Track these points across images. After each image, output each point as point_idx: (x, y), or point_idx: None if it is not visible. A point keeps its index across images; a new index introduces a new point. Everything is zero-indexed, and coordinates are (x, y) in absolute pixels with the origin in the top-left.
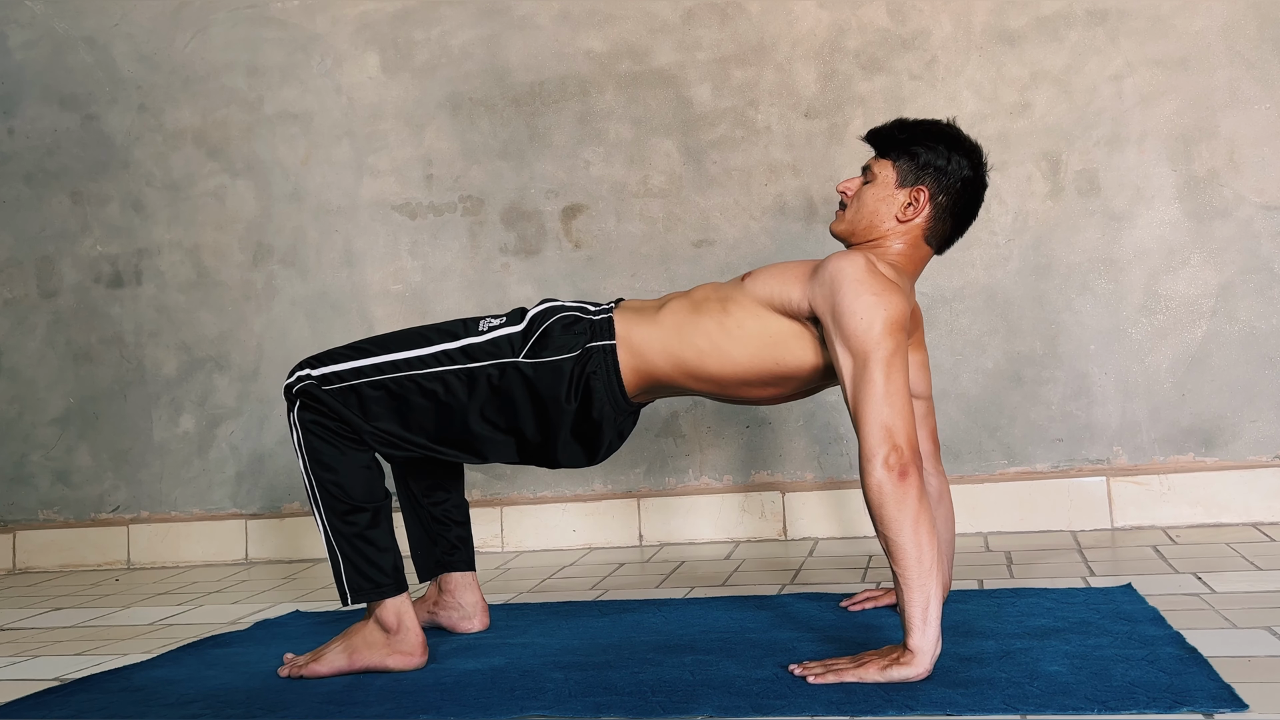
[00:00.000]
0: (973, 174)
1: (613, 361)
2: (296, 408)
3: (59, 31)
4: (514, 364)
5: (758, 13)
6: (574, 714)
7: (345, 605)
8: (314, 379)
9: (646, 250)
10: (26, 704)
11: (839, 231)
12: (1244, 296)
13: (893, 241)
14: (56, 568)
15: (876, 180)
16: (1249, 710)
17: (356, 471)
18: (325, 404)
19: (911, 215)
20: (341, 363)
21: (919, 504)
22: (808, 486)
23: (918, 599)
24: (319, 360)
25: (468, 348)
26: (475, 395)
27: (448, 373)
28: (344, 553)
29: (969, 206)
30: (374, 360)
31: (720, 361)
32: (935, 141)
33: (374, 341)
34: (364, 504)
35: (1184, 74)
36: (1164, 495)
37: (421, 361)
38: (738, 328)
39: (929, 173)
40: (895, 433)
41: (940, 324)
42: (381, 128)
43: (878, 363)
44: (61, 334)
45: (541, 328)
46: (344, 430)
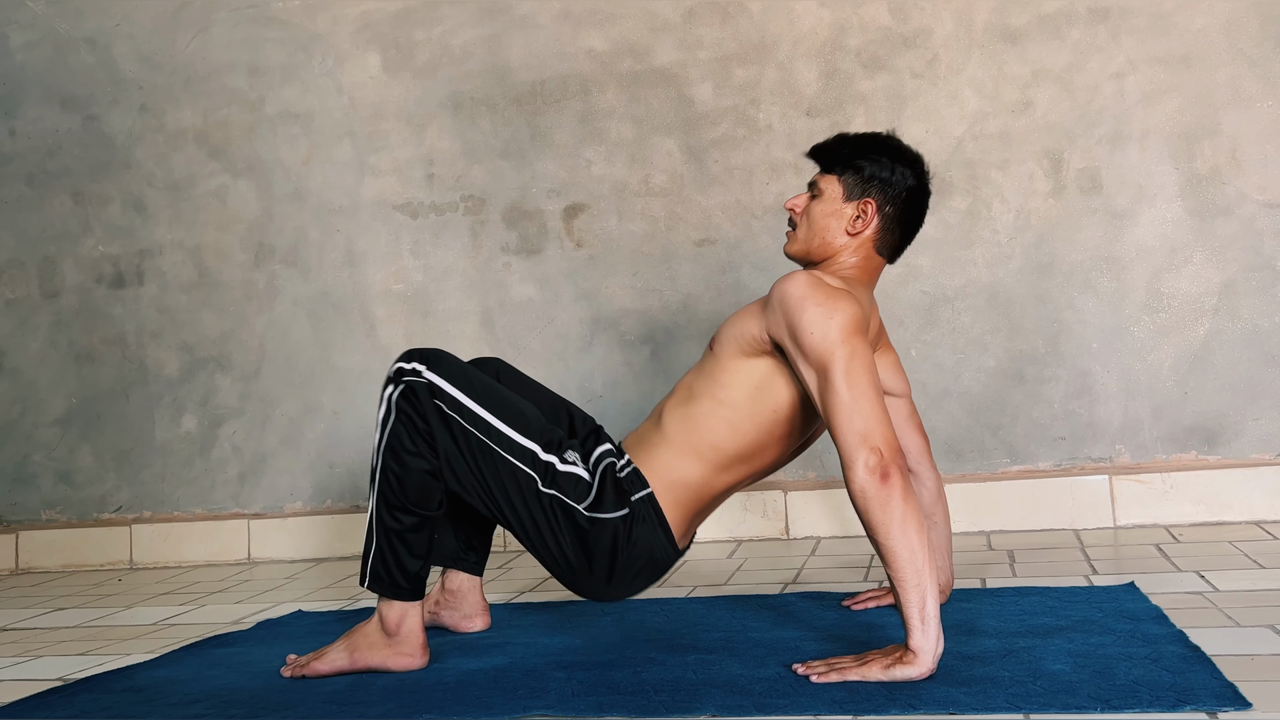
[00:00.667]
0: (916, 183)
1: (657, 513)
2: (399, 392)
3: (60, 32)
4: (572, 511)
5: (759, 11)
6: (577, 713)
7: (361, 585)
8: (425, 382)
9: (648, 249)
10: (30, 704)
11: (793, 253)
12: (1246, 294)
13: (845, 256)
14: (59, 568)
15: (824, 196)
16: (1252, 709)
17: (421, 476)
18: (426, 407)
19: (861, 228)
20: (453, 386)
21: (904, 504)
22: (810, 486)
23: (914, 599)
24: (436, 365)
25: (548, 466)
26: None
27: (522, 471)
28: (379, 543)
29: (915, 215)
30: (479, 411)
31: (733, 435)
32: (878, 154)
33: (487, 389)
34: (414, 508)
35: (1186, 72)
36: (1167, 493)
37: (510, 445)
38: (728, 393)
39: (875, 185)
40: (870, 436)
41: (942, 322)
42: (383, 127)
43: (838, 371)
44: (63, 334)
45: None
46: (429, 436)
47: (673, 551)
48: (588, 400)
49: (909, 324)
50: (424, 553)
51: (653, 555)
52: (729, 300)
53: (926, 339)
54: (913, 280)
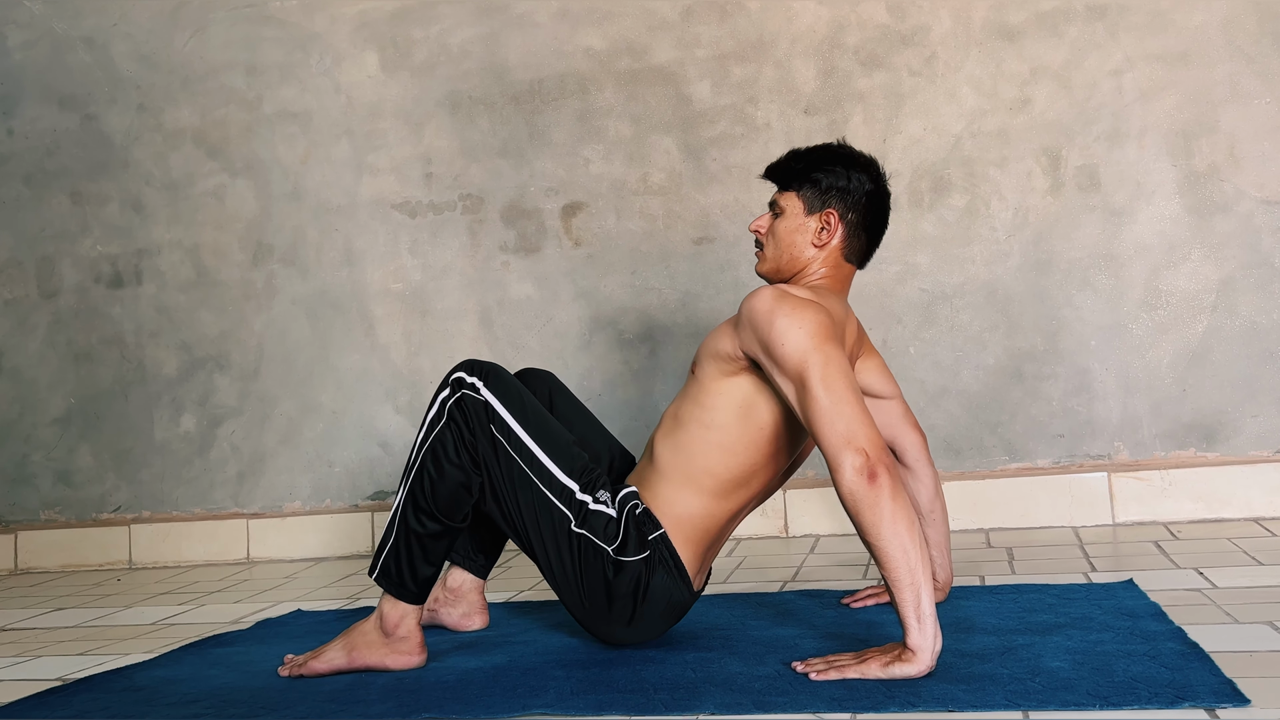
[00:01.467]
0: (874, 186)
1: (672, 552)
2: (454, 400)
3: (58, 31)
4: (603, 551)
5: (757, 9)
6: (576, 712)
7: (369, 575)
8: (481, 399)
9: (647, 248)
10: (29, 704)
11: (764, 272)
12: (1245, 291)
13: (815, 267)
14: (58, 568)
15: (786, 213)
16: (1251, 705)
17: (455, 487)
18: (476, 421)
19: (827, 239)
20: (507, 409)
21: (894, 503)
22: (809, 484)
23: (909, 597)
24: (495, 383)
25: (583, 506)
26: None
27: (558, 509)
28: (398, 541)
29: (878, 218)
30: (526, 439)
31: (726, 458)
32: (832, 164)
33: (538, 417)
34: (441, 517)
35: (1184, 69)
36: (1165, 490)
37: (551, 480)
38: (714, 415)
39: (833, 195)
40: (854, 437)
41: (941, 320)
42: (381, 126)
43: (814, 379)
44: (62, 334)
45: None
46: (474, 448)
47: (689, 594)
48: (587, 399)
49: (907, 322)
50: (438, 561)
51: (670, 599)
52: (727, 298)
53: (925, 337)
54: (911, 278)
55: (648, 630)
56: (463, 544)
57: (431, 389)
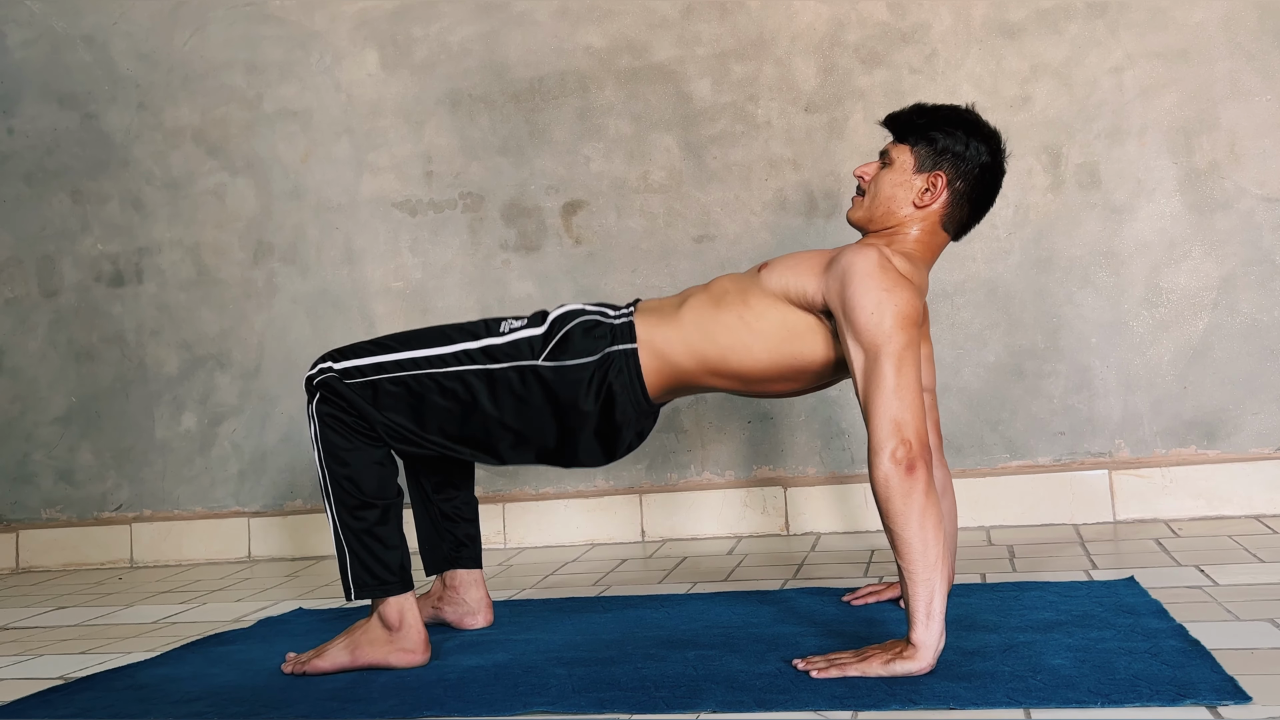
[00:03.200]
0: (991, 160)
1: (635, 366)
2: (316, 400)
3: (58, 30)
4: (533, 367)
5: (757, 7)
6: (577, 709)
7: (349, 601)
8: (335, 372)
9: (647, 246)
10: (31, 702)
11: (856, 219)
12: (1245, 289)
13: (910, 228)
14: (60, 567)
15: (894, 165)
16: (1252, 702)
17: (369, 467)
18: (344, 397)
19: (929, 201)
20: (363, 357)
21: (926, 498)
22: (810, 481)
23: (922, 593)
24: (341, 354)
25: (488, 348)
26: (494, 396)
27: (467, 372)
28: (351, 548)
29: (987, 192)
30: (395, 356)
31: (742, 357)
32: (954, 127)
33: (397, 338)
34: (374, 500)
35: (1184, 66)
36: (1166, 488)
37: (442, 360)
38: (758, 320)
39: (947, 158)
40: (904, 427)
41: (941, 318)
42: (381, 124)
43: (889, 357)
44: (63, 333)
45: (562, 331)
46: (360, 425)
47: (646, 404)
48: None
49: None
50: (398, 541)
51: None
52: None
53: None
54: None
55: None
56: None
57: None
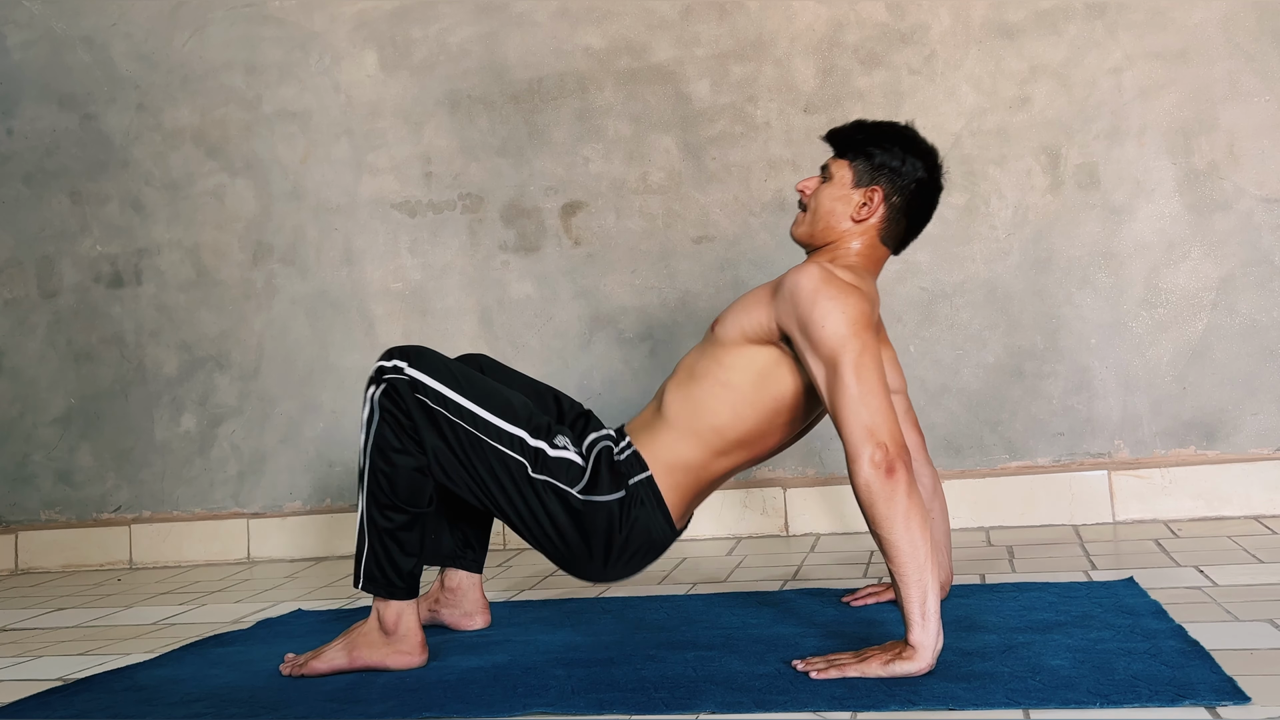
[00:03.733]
0: (927, 176)
1: (655, 493)
2: (380, 391)
3: (57, 31)
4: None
5: (756, 8)
6: (577, 711)
7: (355, 588)
8: (407, 378)
9: (646, 247)
10: (30, 704)
11: (799, 235)
12: (1244, 289)
13: (850, 242)
14: (59, 568)
15: (834, 180)
16: (1251, 703)
17: (410, 473)
18: (409, 404)
19: (866, 215)
20: (436, 380)
21: (909, 499)
22: (809, 482)
23: (915, 594)
24: (417, 361)
25: (539, 452)
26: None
27: (513, 459)
28: (371, 542)
29: (923, 208)
30: (465, 403)
31: (735, 419)
32: (891, 143)
33: (473, 383)
34: (406, 506)
35: (1183, 67)
36: (1165, 488)
37: (499, 434)
38: (731, 375)
39: (884, 173)
40: (877, 430)
41: (941, 318)
42: (380, 125)
43: (848, 365)
44: (62, 334)
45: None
46: (414, 428)
47: (670, 532)
48: (587, 398)
49: (907, 320)
50: (416, 550)
51: (650, 536)
52: (727, 297)
53: (925, 335)
54: (911, 276)
55: (625, 568)
56: (448, 545)
57: None
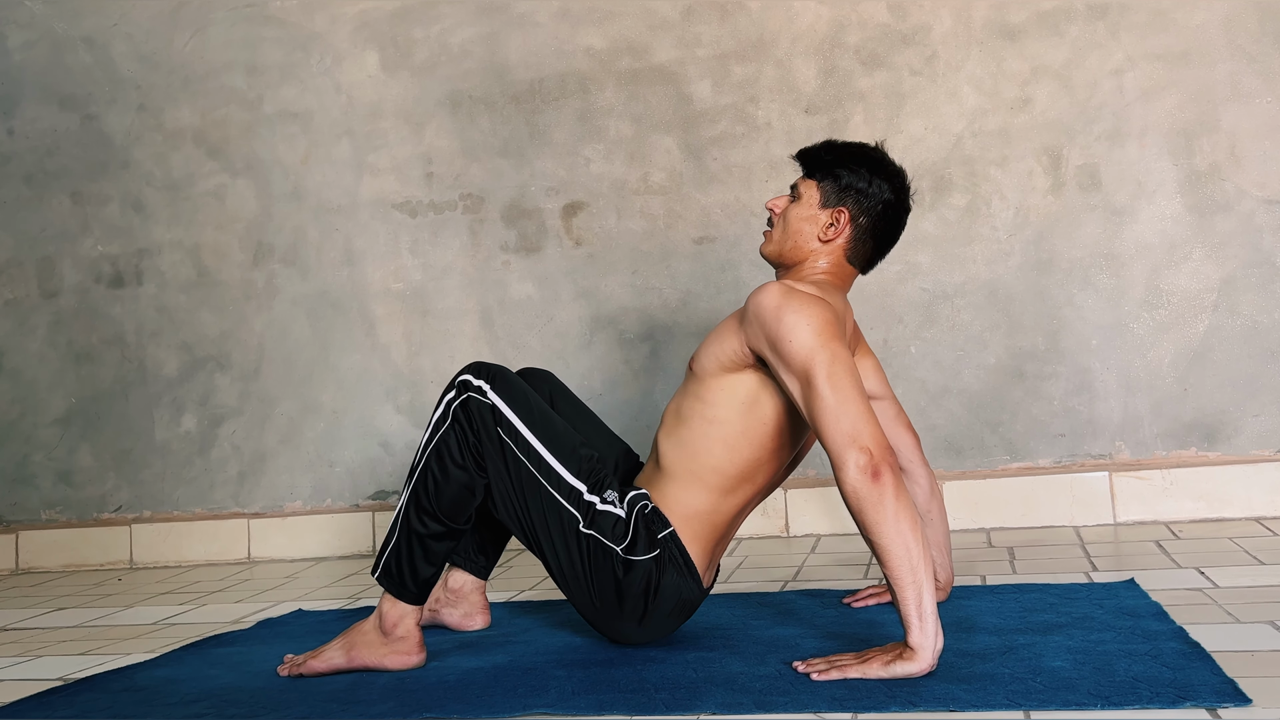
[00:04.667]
0: (894, 198)
1: (682, 551)
2: (459, 401)
3: (58, 32)
4: (613, 552)
5: (758, 9)
6: (577, 711)
7: (372, 575)
8: (488, 403)
9: (647, 247)
10: (30, 704)
11: (768, 253)
12: (1246, 291)
13: (817, 260)
14: (59, 568)
15: (801, 199)
16: (1252, 705)
17: (460, 489)
18: (483, 424)
19: (833, 235)
20: (514, 412)
21: (897, 502)
22: (809, 484)
23: (910, 596)
24: (501, 386)
25: (589, 505)
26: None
27: (566, 510)
28: (400, 539)
29: (889, 230)
30: (533, 441)
31: (730, 454)
32: (858, 164)
33: (545, 419)
34: (444, 519)
35: (1185, 68)
36: (1166, 490)
37: (559, 481)
38: (716, 410)
39: (850, 195)
40: (859, 436)
41: (942, 320)
42: (381, 126)
43: (820, 375)
44: (63, 334)
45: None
46: (479, 450)
47: (699, 591)
48: (588, 399)
49: (908, 321)
50: (440, 562)
51: (681, 597)
52: (728, 298)
53: (926, 336)
54: (912, 277)
55: (658, 629)
56: (464, 545)
57: (432, 388)
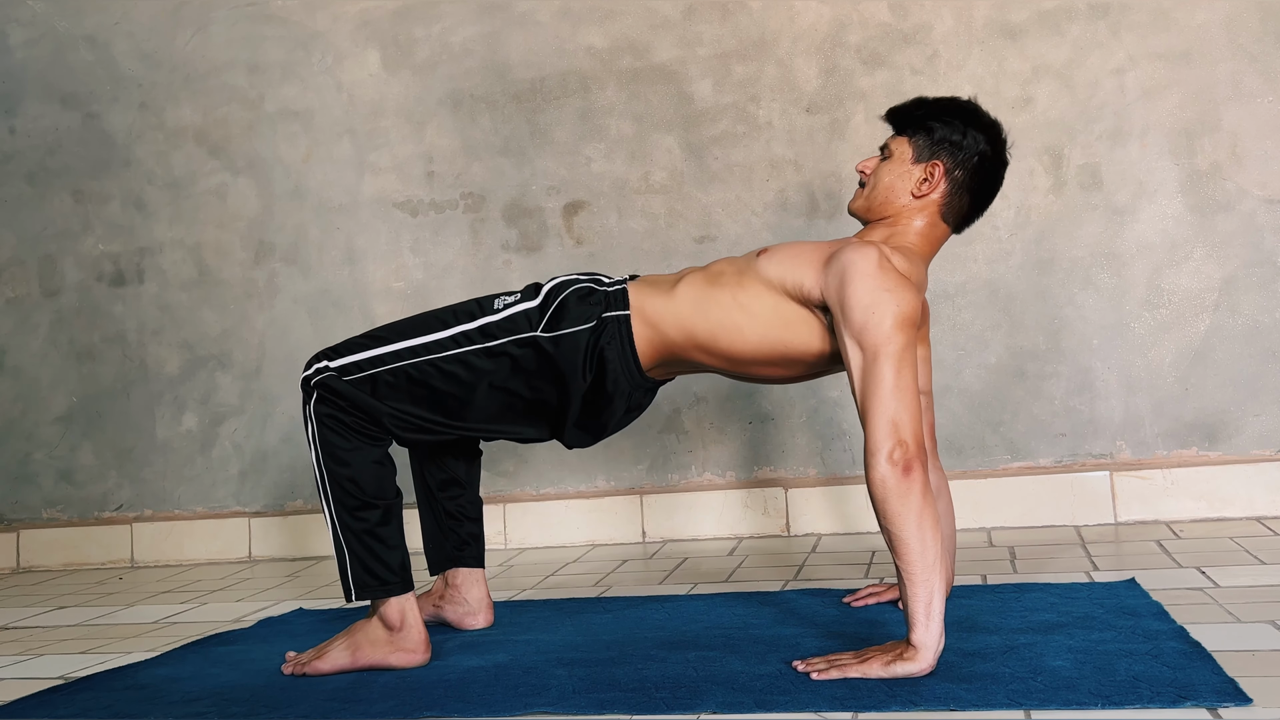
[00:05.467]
0: (990, 149)
1: (626, 332)
2: (313, 400)
3: (60, 30)
4: (533, 339)
5: (759, 8)
6: (578, 710)
7: (349, 602)
8: (333, 370)
9: (648, 246)
10: (31, 702)
11: (856, 209)
12: (1247, 290)
13: (910, 219)
14: (60, 566)
15: (893, 157)
16: (1253, 704)
17: (369, 467)
18: (344, 395)
19: (927, 190)
20: (359, 352)
21: (923, 499)
22: (810, 482)
23: (921, 594)
24: (336, 351)
25: (485, 326)
26: (495, 372)
27: (467, 353)
28: (351, 549)
29: (987, 183)
30: (392, 347)
31: (732, 336)
32: (951, 117)
33: (389, 329)
34: (375, 500)
35: (1186, 67)
36: (1167, 489)
37: (440, 345)
38: (751, 302)
39: (944, 148)
40: (901, 428)
41: (943, 319)
42: (382, 125)
43: (887, 358)
44: (64, 333)
45: (557, 300)
46: (360, 424)
47: (640, 377)
48: None
49: None
50: (399, 542)
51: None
52: None
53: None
54: None
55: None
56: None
57: None
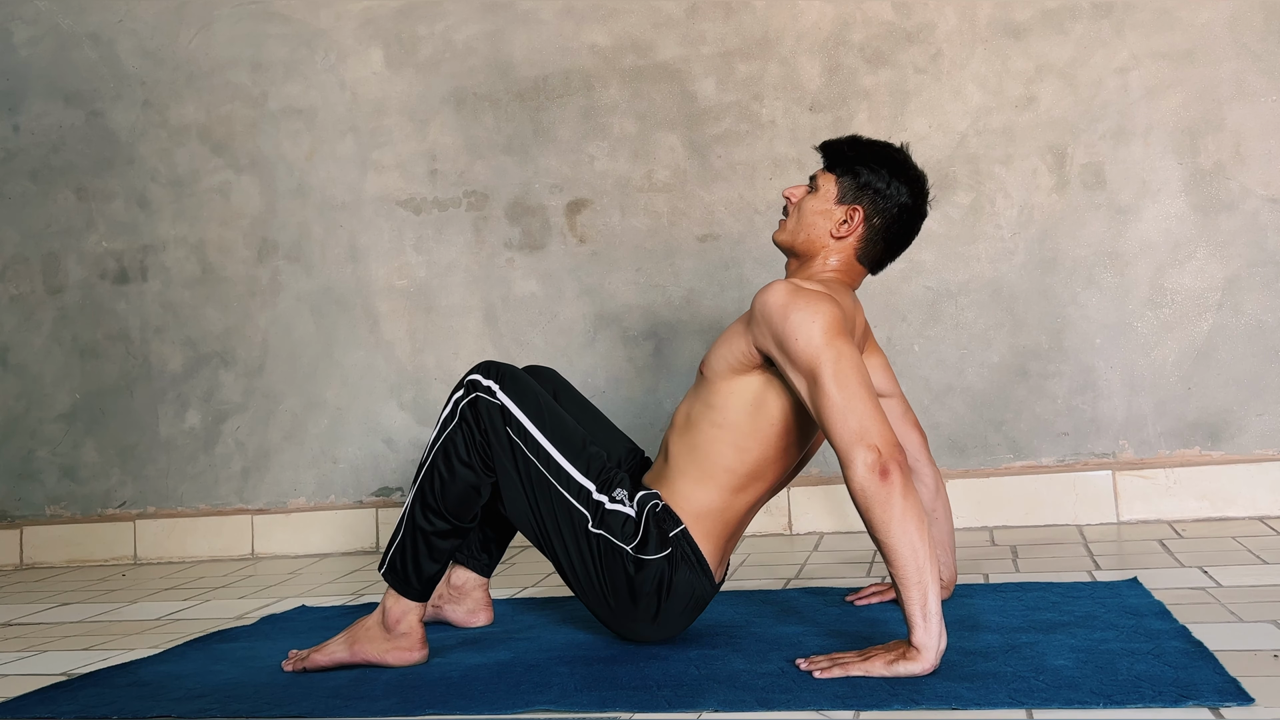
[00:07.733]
0: (911, 202)
1: (694, 549)
2: (467, 400)
3: (63, 28)
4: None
5: (762, 6)
6: (580, 708)
7: (378, 570)
8: (498, 403)
9: (651, 245)
10: (34, 699)
11: (780, 241)
12: (1250, 290)
13: (828, 258)
14: (63, 563)
15: (819, 192)
16: (1255, 704)
17: (466, 488)
18: (492, 426)
19: (845, 233)
20: (523, 412)
21: (905, 501)
22: (812, 482)
23: (915, 595)
24: (510, 386)
25: (601, 506)
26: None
27: (576, 509)
28: (405, 536)
29: (902, 233)
30: (542, 441)
31: (739, 455)
32: (879, 164)
33: (554, 418)
34: (450, 516)
35: (1190, 67)
36: (1170, 489)
37: (568, 480)
38: (724, 414)
39: (867, 194)
40: (866, 434)
41: (945, 318)
42: (385, 123)
43: (827, 374)
44: (68, 330)
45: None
46: (485, 453)
47: (710, 588)
48: (591, 396)
49: (912, 319)
50: (444, 560)
51: (694, 593)
52: (732, 296)
53: (930, 334)
54: (916, 276)
55: (672, 626)
56: (468, 543)
57: (436, 385)
